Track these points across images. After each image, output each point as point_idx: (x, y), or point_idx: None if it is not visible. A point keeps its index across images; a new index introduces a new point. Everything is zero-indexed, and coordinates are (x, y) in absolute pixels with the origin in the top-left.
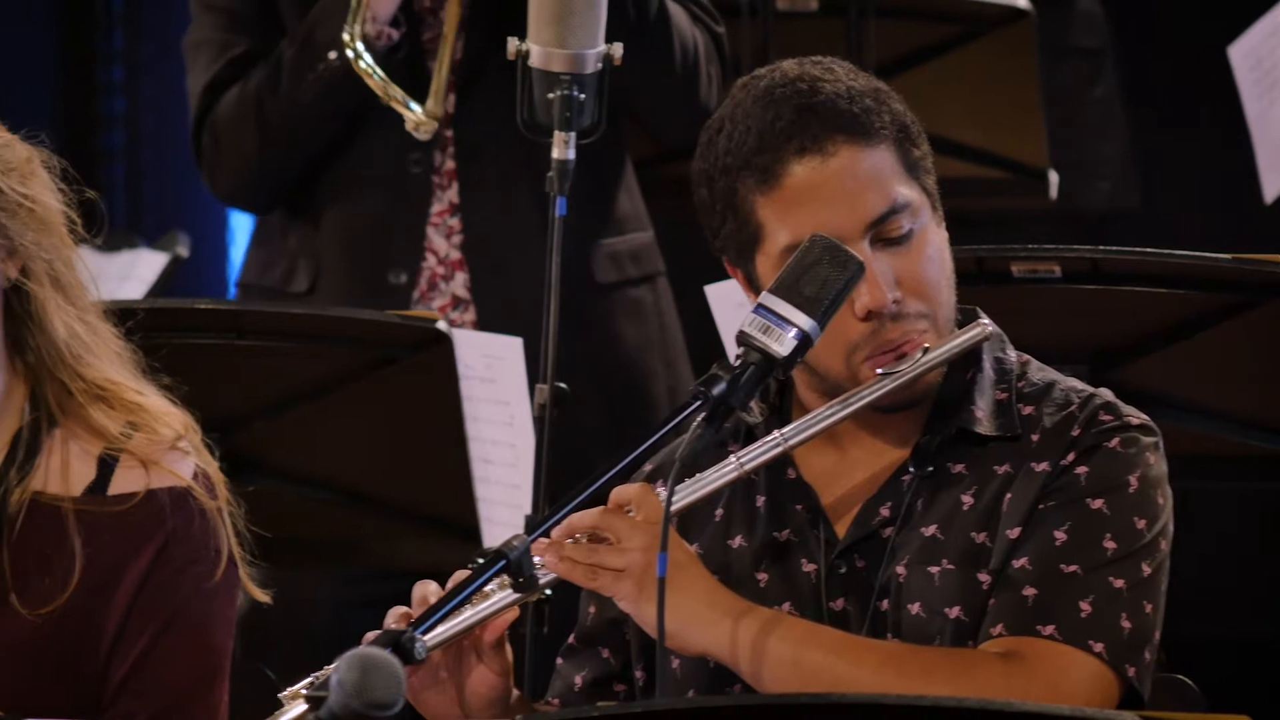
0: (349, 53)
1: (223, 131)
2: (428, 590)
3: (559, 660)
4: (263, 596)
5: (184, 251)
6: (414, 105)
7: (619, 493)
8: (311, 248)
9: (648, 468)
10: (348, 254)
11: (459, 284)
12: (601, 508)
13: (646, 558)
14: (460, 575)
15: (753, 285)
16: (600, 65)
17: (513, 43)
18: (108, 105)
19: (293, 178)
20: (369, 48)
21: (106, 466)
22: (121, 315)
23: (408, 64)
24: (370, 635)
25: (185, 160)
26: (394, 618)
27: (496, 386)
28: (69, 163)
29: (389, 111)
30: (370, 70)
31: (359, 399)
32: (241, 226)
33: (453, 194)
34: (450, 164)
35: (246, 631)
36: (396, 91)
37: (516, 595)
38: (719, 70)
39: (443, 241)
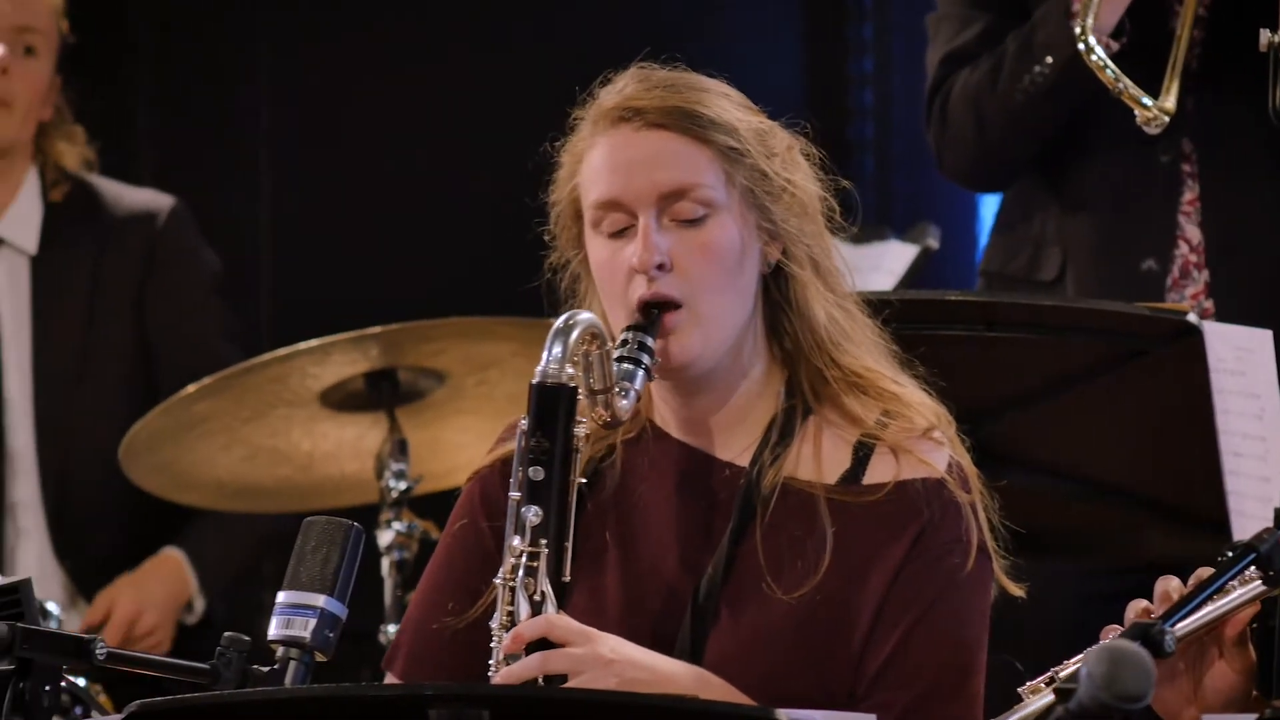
0: (1080, 45)
1: (949, 112)
2: (1169, 584)
3: None
4: (1015, 589)
5: (934, 243)
6: (1146, 100)
7: None
8: (1059, 235)
9: None
10: (1097, 241)
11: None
12: None
13: None
14: (1203, 572)
15: None
16: None
17: (1264, 34)
18: (858, 97)
19: (1015, 166)
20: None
21: (860, 455)
22: (874, 307)
23: (1135, 59)
24: (1110, 628)
25: None
26: (1134, 611)
27: (1246, 379)
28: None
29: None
30: (1102, 64)
31: (1108, 391)
32: (991, 217)
33: (1200, 182)
34: (1195, 152)
35: (995, 623)
36: (1129, 86)
37: (1264, 589)
38: None
39: (1195, 229)
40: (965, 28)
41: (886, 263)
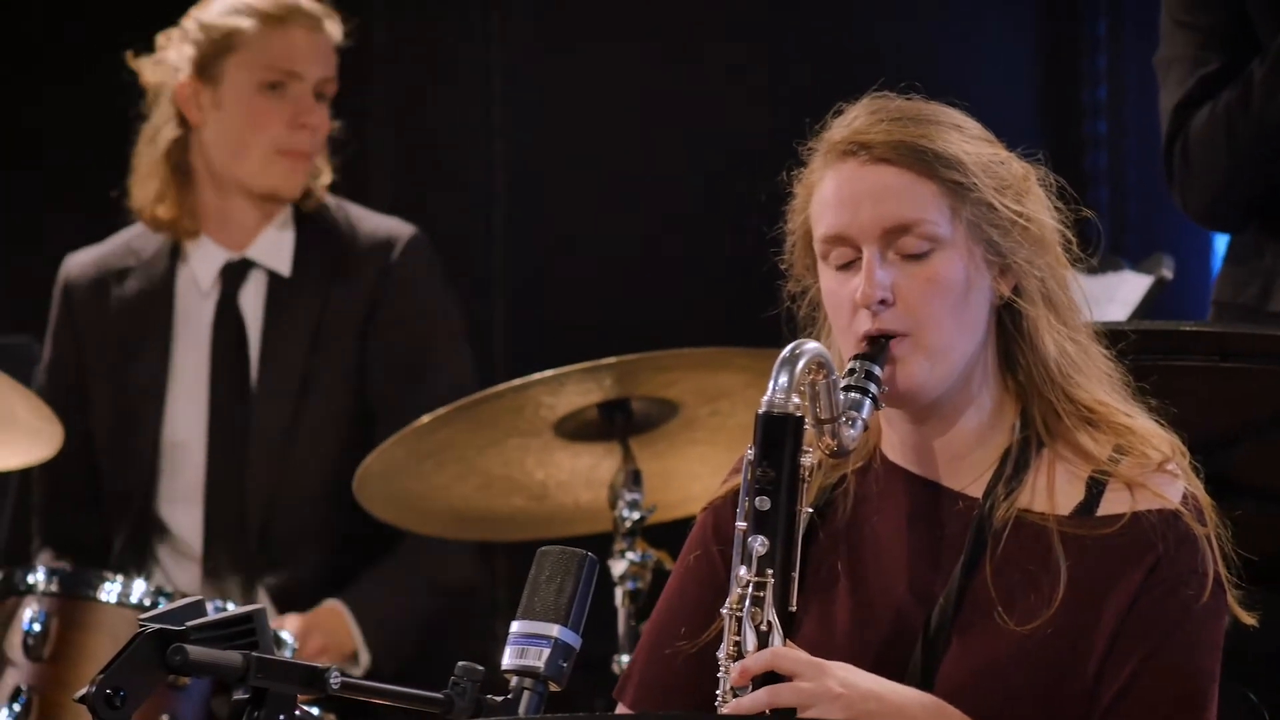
0: None
1: (1193, 150)
2: None
3: None
4: (1248, 618)
5: (1168, 273)
6: None
7: None
8: None
9: None
10: None
11: None
12: None
13: None
14: None
15: None
16: None
17: None
18: (1091, 127)
19: (1266, 196)
20: None
21: (1094, 489)
22: (1109, 338)
23: None
24: None
25: None
26: None
27: None
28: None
29: None
30: None
31: None
32: (1224, 247)
33: None
34: None
35: (1229, 655)
36: None
37: None
38: None
39: None
40: (1196, 69)
41: (1121, 294)
